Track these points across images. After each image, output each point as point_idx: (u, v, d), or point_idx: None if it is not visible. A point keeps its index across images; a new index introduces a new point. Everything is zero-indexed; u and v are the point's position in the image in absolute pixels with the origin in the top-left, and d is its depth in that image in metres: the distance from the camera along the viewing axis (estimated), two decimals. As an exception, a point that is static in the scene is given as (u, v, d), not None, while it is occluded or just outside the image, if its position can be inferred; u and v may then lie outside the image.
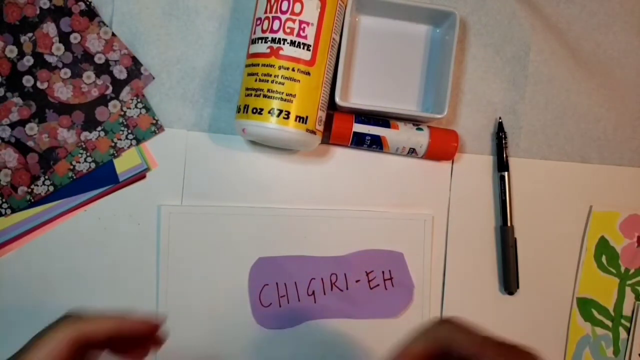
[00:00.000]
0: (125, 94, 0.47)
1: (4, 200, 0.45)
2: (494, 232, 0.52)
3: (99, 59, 0.47)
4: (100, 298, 0.46)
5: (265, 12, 0.44)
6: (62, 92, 0.46)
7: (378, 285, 0.50)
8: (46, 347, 0.29)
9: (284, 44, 0.43)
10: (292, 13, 0.42)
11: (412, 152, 0.49)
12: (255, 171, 0.49)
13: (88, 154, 0.47)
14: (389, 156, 0.51)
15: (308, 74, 0.43)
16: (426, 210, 0.51)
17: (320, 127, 0.45)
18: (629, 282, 0.54)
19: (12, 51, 0.46)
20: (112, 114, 0.47)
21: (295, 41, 0.43)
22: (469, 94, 0.52)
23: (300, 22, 0.43)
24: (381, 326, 0.50)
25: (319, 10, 0.43)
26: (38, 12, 0.46)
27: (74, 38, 0.47)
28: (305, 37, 0.43)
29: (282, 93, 0.42)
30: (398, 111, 0.49)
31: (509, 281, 0.51)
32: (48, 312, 0.46)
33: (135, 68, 0.48)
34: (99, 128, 0.47)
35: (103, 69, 0.47)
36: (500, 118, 0.52)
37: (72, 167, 0.46)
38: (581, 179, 0.54)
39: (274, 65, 0.43)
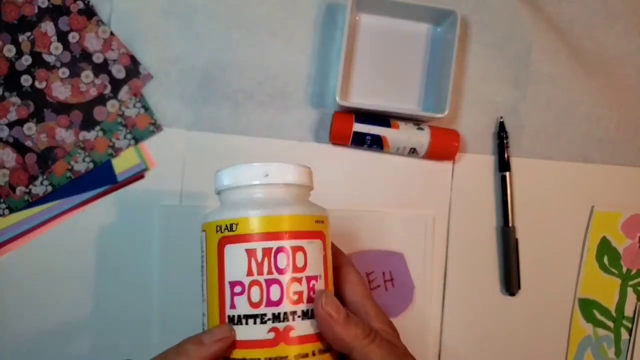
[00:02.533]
0: (124, 93, 0.47)
1: (2, 200, 0.45)
2: (495, 233, 0.52)
3: (98, 58, 0.47)
4: (100, 298, 0.46)
5: (250, 273, 0.29)
6: (61, 91, 0.46)
7: (378, 286, 0.50)
8: None
9: (294, 319, 0.29)
10: (297, 269, 0.29)
11: (412, 151, 0.49)
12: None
13: (86, 153, 0.46)
14: (390, 156, 0.50)
15: (325, 351, 0.30)
16: (427, 211, 0.51)
17: None
18: (630, 282, 0.53)
19: (10, 50, 0.46)
20: (111, 114, 0.47)
21: (307, 311, 0.29)
22: (470, 93, 0.52)
23: (307, 278, 0.30)
24: (381, 327, 0.49)
25: (323, 253, 0.31)
26: (36, 11, 0.46)
27: (73, 37, 0.47)
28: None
29: None
30: (399, 110, 0.49)
31: (510, 282, 0.50)
32: (47, 312, 0.46)
33: (133, 67, 0.47)
34: (97, 128, 0.47)
35: (101, 68, 0.47)
36: (501, 118, 0.52)
37: (70, 167, 0.46)
38: (583, 179, 0.53)
39: (285, 357, 0.28)
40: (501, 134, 0.51)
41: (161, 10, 0.48)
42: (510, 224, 0.51)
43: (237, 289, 0.29)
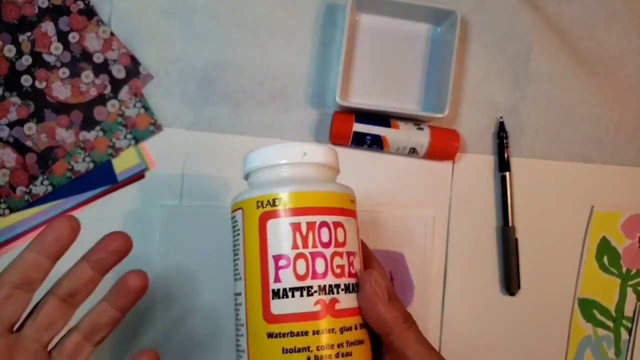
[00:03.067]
0: (124, 93, 0.47)
1: (2, 200, 0.45)
2: (495, 233, 0.52)
3: (98, 58, 0.47)
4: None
5: (295, 246, 0.29)
6: (61, 91, 0.46)
7: (378, 286, 0.49)
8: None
9: (338, 292, 0.29)
10: (339, 244, 0.30)
11: (412, 151, 0.49)
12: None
13: (86, 153, 0.46)
14: (390, 156, 0.50)
15: (364, 325, 0.30)
16: (427, 211, 0.51)
17: None
18: (630, 282, 0.53)
19: (10, 50, 0.46)
20: (111, 114, 0.47)
21: (349, 284, 0.30)
22: (470, 93, 0.52)
23: (348, 253, 0.30)
24: (381, 327, 0.49)
25: (357, 231, 0.32)
26: (37, 11, 0.46)
27: (73, 37, 0.47)
28: (354, 275, 0.31)
29: None
30: (398, 110, 0.49)
31: (510, 282, 0.50)
32: (46, 312, 0.46)
33: (133, 67, 0.47)
34: (98, 128, 0.47)
35: (101, 68, 0.47)
36: (501, 118, 0.52)
37: (70, 167, 0.46)
38: (583, 179, 0.53)
39: (333, 329, 0.28)
40: (501, 134, 0.51)
41: (161, 10, 0.48)
42: (510, 224, 0.51)
43: (282, 262, 0.29)
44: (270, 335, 0.28)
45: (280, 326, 0.28)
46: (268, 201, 0.30)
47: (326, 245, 0.29)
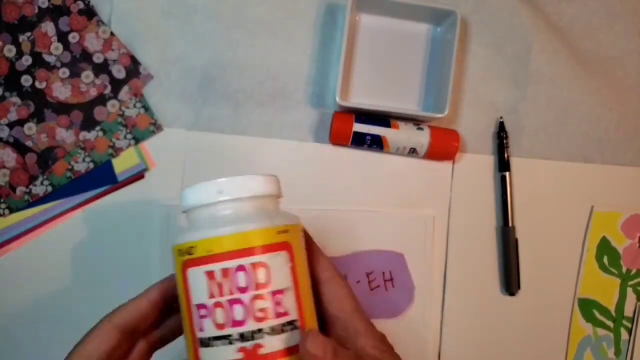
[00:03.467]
0: (124, 93, 0.47)
1: (2, 200, 0.45)
2: (495, 233, 0.52)
3: (98, 58, 0.47)
4: (99, 298, 0.46)
5: (213, 295, 0.28)
6: (61, 91, 0.46)
7: (378, 286, 0.50)
8: (96, 339, 0.30)
9: (262, 336, 0.28)
10: (260, 285, 0.28)
11: (412, 151, 0.49)
12: (254, 171, 0.48)
13: (86, 153, 0.46)
14: (390, 156, 0.50)
15: None
16: (427, 211, 0.51)
17: None
18: (630, 282, 0.53)
19: (10, 50, 0.46)
20: (111, 114, 0.47)
21: (275, 326, 0.28)
22: (470, 93, 0.52)
23: (273, 292, 0.28)
24: (381, 327, 0.49)
25: (290, 264, 0.29)
26: (37, 11, 0.46)
27: (73, 37, 0.47)
28: (285, 314, 0.29)
29: None
30: (398, 110, 0.49)
31: (510, 282, 0.50)
32: (47, 312, 0.46)
33: (133, 67, 0.47)
34: (98, 128, 0.47)
35: (102, 68, 0.47)
36: (501, 118, 0.52)
37: (70, 167, 0.46)
38: (583, 179, 0.53)
39: None
40: (501, 134, 0.51)
41: (161, 11, 0.48)
42: (510, 224, 0.51)
43: (203, 311, 0.28)
44: None
45: None
46: (186, 249, 0.29)
47: (243, 290, 0.28)
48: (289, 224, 0.30)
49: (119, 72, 0.47)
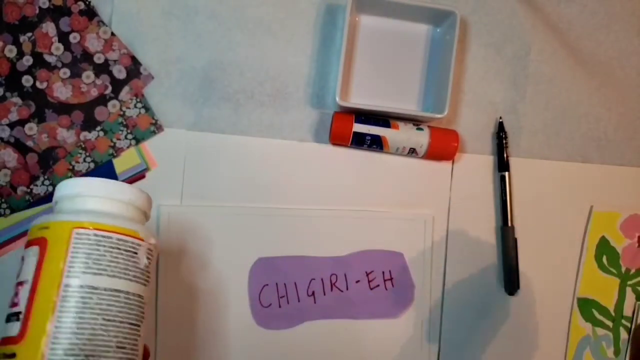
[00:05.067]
0: (125, 93, 0.47)
1: (3, 200, 0.45)
2: (494, 232, 0.52)
3: (99, 59, 0.47)
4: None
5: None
6: (62, 91, 0.46)
7: (378, 285, 0.50)
8: None
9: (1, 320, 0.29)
10: (17, 274, 0.30)
11: (412, 152, 0.49)
12: (254, 171, 0.49)
13: (87, 153, 0.47)
14: (389, 156, 0.51)
15: (11, 357, 0.28)
16: (426, 210, 0.51)
17: None
18: (629, 282, 0.54)
19: (11, 51, 0.46)
20: (112, 114, 0.47)
21: (8, 314, 0.29)
22: (469, 93, 0.52)
23: (19, 283, 0.30)
24: (381, 326, 0.49)
25: (37, 258, 0.30)
26: (37, 11, 0.46)
27: (73, 38, 0.47)
28: (16, 305, 0.29)
29: None
30: (398, 111, 0.49)
31: (510, 281, 0.51)
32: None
33: (134, 68, 0.47)
34: (98, 128, 0.47)
35: (102, 69, 0.47)
36: (500, 118, 0.52)
37: (71, 167, 0.46)
38: (582, 179, 0.53)
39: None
40: (500, 134, 0.52)
41: (162, 11, 0.48)
42: (510, 224, 0.51)
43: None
44: None
45: None
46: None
47: (18, 278, 0.30)
48: (47, 222, 0.31)
49: (119, 72, 0.47)
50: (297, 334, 0.48)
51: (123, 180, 0.47)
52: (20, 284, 0.30)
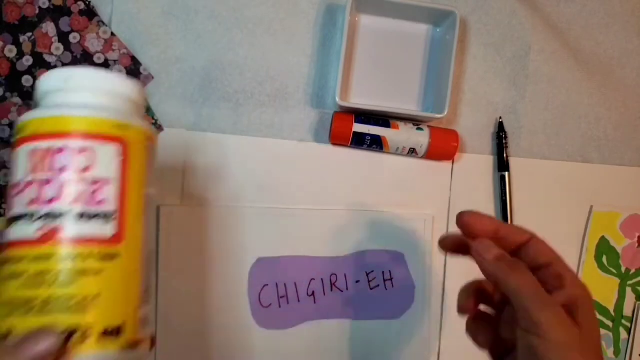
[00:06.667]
0: (125, 93, 0.47)
1: (3, 200, 0.45)
2: (494, 232, 0.52)
3: (98, 59, 0.47)
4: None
5: (29, 173, 0.28)
6: (62, 91, 0.46)
7: (378, 285, 0.50)
8: None
9: (66, 219, 0.27)
10: (79, 170, 0.28)
11: (412, 152, 0.49)
12: (254, 171, 0.49)
13: (87, 154, 0.46)
14: (389, 156, 0.51)
15: (114, 257, 0.28)
16: (426, 210, 0.51)
17: (146, 331, 0.30)
18: (629, 282, 0.54)
19: (11, 51, 0.46)
20: (112, 114, 0.47)
21: (85, 212, 0.28)
22: (469, 93, 0.52)
23: (94, 181, 0.28)
24: (381, 327, 0.50)
25: (120, 158, 0.29)
26: (37, 11, 0.46)
27: (73, 38, 0.47)
28: (102, 203, 0.28)
29: (72, 299, 0.27)
30: (398, 111, 0.49)
31: (510, 281, 0.51)
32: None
33: (134, 68, 0.47)
34: (99, 128, 0.47)
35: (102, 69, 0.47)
36: (500, 118, 0.52)
37: (71, 167, 0.46)
38: (582, 179, 0.53)
39: (51, 257, 0.27)
40: (500, 134, 0.52)
41: (162, 11, 0.48)
42: (510, 224, 0.51)
43: (16, 189, 0.28)
44: (2, 262, 0.28)
45: (6, 252, 0.28)
46: (19, 129, 0.30)
47: (61, 170, 0.28)
48: (133, 125, 0.30)
49: (119, 72, 0.47)
50: (297, 334, 0.48)
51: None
52: (99, 181, 0.28)
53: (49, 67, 0.46)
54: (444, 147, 0.49)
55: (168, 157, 0.48)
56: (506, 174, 0.51)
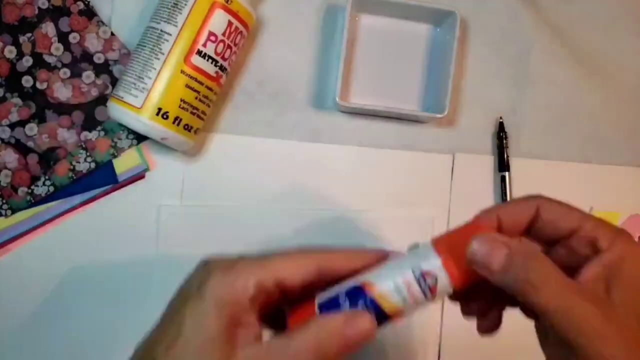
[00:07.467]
0: (125, 94, 0.47)
1: (4, 201, 0.45)
2: (494, 232, 0.52)
3: (98, 59, 0.47)
4: (100, 298, 0.47)
5: (225, 35, 0.43)
6: (62, 92, 0.46)
7: (378, 285, 0.50)
8: (210, 314, 0.22)
9: (224, 73, 0.44)
10: (234, 43, 0.44)
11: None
12: (254, 171, 0.49)
13: (88, 154, 0.47)
14: (389, 156, 0.51)
15: (212, 90, 0.44)
16: (426, 211, 0.51)
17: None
18: (629, 282, 0.54)
19: (11, 52, 0.46)
20: (112, 114, 0.47)
21: (226, 68, 0.44)
22: (469, 93, 0.52)
23: (230, 46, 0.44)
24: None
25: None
26: (37, 12, 0.46)
27: (73, 38, 0.47)
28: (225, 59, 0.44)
29: (206, 115, 0.45)
30: (398, 111, 0.49)
31: (509, 281, 0.51)
32: (48, 311, 0.46)
33: (134, 68, 0.47)
34: (99, 128, 0.47)
35: (102, 69, 0.47)
36: (501, 118, 0.52)
37: (72, 167, 0.46)
38: (582, 179, 0.53)
39: (212, 90, 0.44)
40: (500, 134, 0.52)
41: (162, 11, 0.48)
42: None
43: (213, 38, 0.42)
44: (182, 72, 0.41)
45: (191, 70, 0.41)
46: None
47: (235, 44, 0.44)
48: None
49: (120, 72, 0.47)
50: (297, 333, 0.48)
51: (122, 181, 0.47)
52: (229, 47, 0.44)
53: (48, 67, 0.46)
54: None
55: (168, 157, 0.48)
56: (506, 174, 0.51)
